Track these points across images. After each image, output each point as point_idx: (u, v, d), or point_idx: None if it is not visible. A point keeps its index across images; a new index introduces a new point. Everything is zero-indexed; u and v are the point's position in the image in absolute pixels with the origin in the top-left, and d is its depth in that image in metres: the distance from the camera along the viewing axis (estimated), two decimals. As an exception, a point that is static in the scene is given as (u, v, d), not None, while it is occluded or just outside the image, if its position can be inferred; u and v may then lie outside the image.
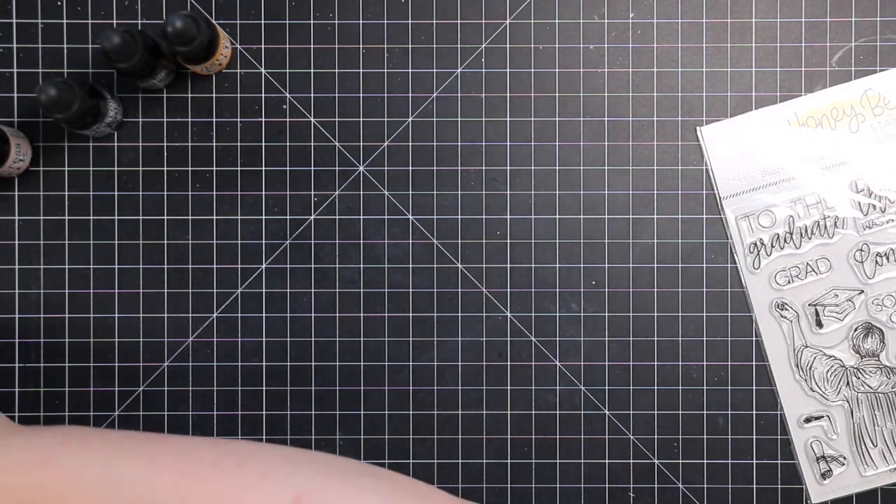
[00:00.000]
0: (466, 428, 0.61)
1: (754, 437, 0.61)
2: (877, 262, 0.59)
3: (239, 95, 0.61)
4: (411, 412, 0.61)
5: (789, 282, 0.59)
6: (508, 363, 0.61)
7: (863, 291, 0.59)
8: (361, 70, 0.62)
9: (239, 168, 0.61)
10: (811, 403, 0.60)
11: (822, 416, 0.60)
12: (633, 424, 0.61)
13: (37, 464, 0.36)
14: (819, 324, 0.59)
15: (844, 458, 0.60)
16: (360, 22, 0.62)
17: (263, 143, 0.61)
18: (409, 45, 0.61)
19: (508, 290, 0.62)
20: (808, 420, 0.60)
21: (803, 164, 0.59)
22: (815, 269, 0.59)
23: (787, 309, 0.59)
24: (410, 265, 0.62)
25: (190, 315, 0.61)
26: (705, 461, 0.61)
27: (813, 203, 0.59)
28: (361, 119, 0.62)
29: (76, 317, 0.61)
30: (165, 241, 0.61)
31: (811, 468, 0.60)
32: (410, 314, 0.62)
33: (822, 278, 0.59)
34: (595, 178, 0.61)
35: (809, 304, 0.59)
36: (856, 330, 0.60)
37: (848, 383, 0.60)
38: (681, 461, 0.61)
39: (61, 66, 0.61)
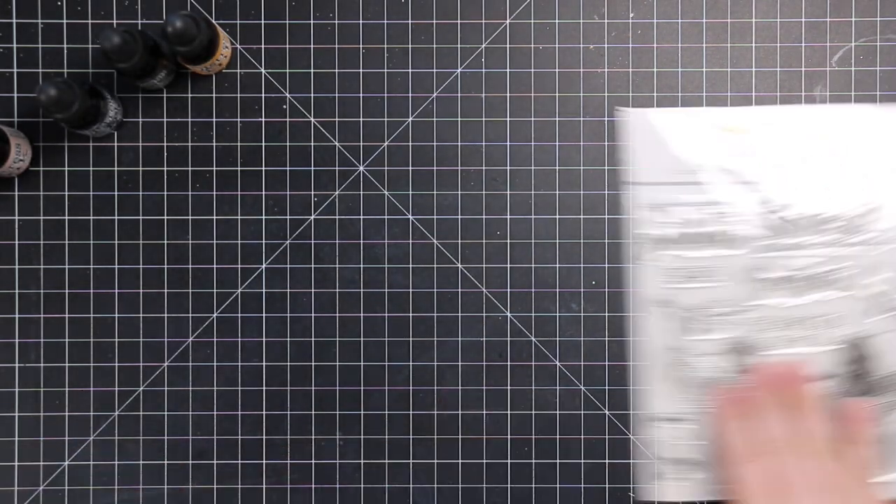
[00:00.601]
0: (466, 428, 0.61)
1: (754, 437, 0.61)
2: (774, 284, 0.58)
3: (239, 95, 0.61)
4: (411, 412, 0.61)
5: (680, 282, 0.58)
6: (508, 363, 0.61)
7: (750, 309, 0.59)
8: (361, 70, 0.62)
9: (239, 168, 0.61)
10: (675, 405, 0.60)
11: (683, 420, 0.59)
12: (633, 424, 0.61)
13: None
14: (697, 330, 0.59)
15: (698, 464, 0.59)
16: (360, 22, 0.62)
17: (263, 143, 0.61)
18: (409, 45, 0.61)
19: (508, 290, 0.62)
20: (667, 420, 0.59)
21: (721, 172, 0.58)
22: (707, 275, 0.58)
23: (670, 308, 0.58)
24: (410, 265, 0.62)
25: (190, 315, 0.61)
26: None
27: (722, 212, 0.58)
28: (361, 119, 0.62)
29: (76, 317, 0.61)
30: (165, 241, 0.61)
31: (663, 469, 0.59)
32: (410, 314, 0.62)
33: (714, 287, 0.59)
34: (595, 178, 0.61)
35: (693, 309, 0.59)
36: (733, 345, 0.59)
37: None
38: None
39: (61, 66, 0.61)
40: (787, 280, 0.55)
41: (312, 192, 0.61)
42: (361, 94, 0.62)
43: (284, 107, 0.61)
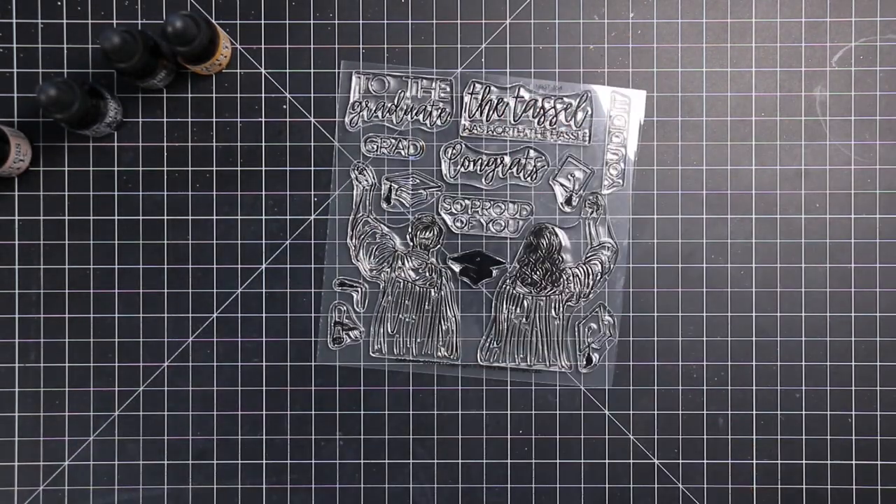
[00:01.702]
0: (466, 428, 0.61)
1: (754, 437, 0.61)
2: (478, 169, 0.60)
3: (239, 95, 0.61)
4: (411, 412, 0.61)
5: (377, 149, 0.60)
6: (508, 363, 0.61)
7: (440, 187, 0.60)
8: (361, 70, 0.62)
9: (239, 168, 0.61)
10: (351, 270, 0.61)
11: (356, 286, 0.60)
12: (633, 424, 0.61)
13: None
14: (388, 200, 0.60)
15: (359, 333, 0.60)
16: (360, 22, 0.62)
17: (263, 143, 0.61)
18: (409, 45, 0.61)
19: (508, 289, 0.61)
20: (342, 284, 0.60)
21: None
22: (408, 150, 0.59)
23: (365, 174, 0.60)
24: (410, 265, 0.61)
25: (190, 315, 0.61)
26: (705, 461, 0.61)
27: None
28: (361, 119, 0.62)
29: (76, 317, 0.61)
30: (165, 241, 0.61)
31: (328, 329, 0.61)
32: (410, 314, 0.62)
33: (412, 160, 0.60)
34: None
35: (387, 179, 0.60)
36: (419, 219, 0.60)
37: (391, 266, 0.60)
38: (681, 461, 0.61)
39: (61, 66, 0.61)
40: (496, 167, 0.59)
41: (312, 192, 0.61)
42: (361, 94, 0.62)
43: (284, 107, 0.61)
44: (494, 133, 0.61)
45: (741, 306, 0.61)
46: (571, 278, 0.60)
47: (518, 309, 0.60)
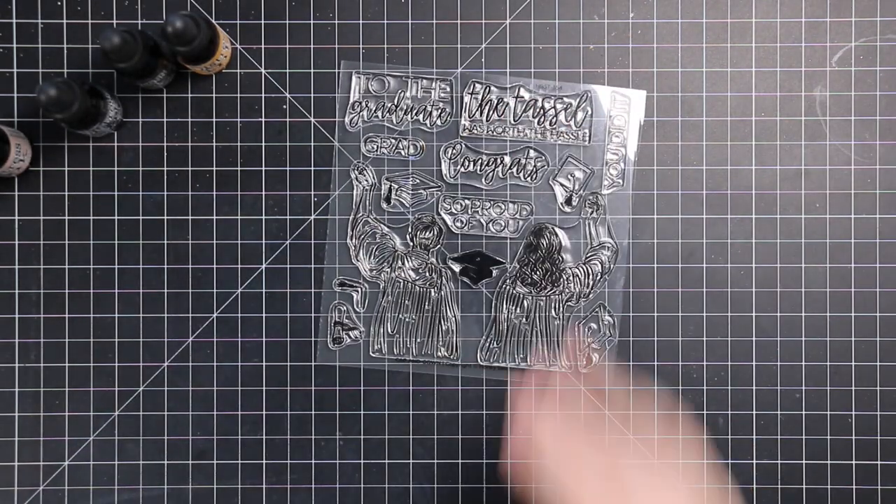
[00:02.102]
0: (466, 428, 0.61)
1: (754, 437, 0.61)
2: (478, 169, 0.60)
3: (239, 95, 0.61)
4: (411, 412, 0.61)
5: (377, 149, 0.60)
6: (508, 363, 0.61)
7: (440, 187, 0.60)
8: (362, 70, 0.62)
9: (239, 168, 0.61)
10: (351, 271, 0.61)
11: (356, 286, 0.60)
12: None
13: None
14: (388, 200, 0.60)
15: (359, 333, 0.61)
16: (360, 22, 0.62)
17: (263, 143, 0.61)
18: (410, 45, 0.61)
19: (508, 290, 0.61)
20: (342, 284, 0.60)
21: None
22: (408, 150, 0.59)
23: (365, 174, 0.60)
24: (410, 265, 0.61)
25: (190, 315, 0.61)
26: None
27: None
28: (361, 119, 0.62)
29: (76, 317, 0.61)
30: (165, 241, 0.61)
31: (328, 329, 0.61)
32: (410, 314, 0.61)
33: (412, 160, 0.60)
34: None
35: (387, 179, 0.60)
36: (419, 219, 0.60)
37: (391, 266, 0.60)
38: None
39: (61, 66, 0.61)
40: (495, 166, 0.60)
41: (312, 192, 0.61)
42: (361, 94, 0.62)
43: (284, 107, 0.61)
44: (494, 133, 0.61)
45: (741, 306, 0.61)
46: (571, 278, 0.60)
47: (518, 309, 0.60)
